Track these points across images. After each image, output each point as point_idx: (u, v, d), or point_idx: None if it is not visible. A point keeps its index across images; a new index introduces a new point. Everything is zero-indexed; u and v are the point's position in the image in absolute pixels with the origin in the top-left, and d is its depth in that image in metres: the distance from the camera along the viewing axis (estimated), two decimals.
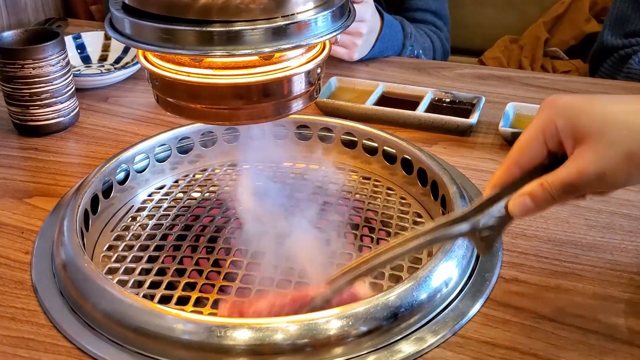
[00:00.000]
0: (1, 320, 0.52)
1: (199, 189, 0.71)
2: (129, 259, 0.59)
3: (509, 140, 0.77)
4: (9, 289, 0.55)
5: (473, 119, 0.80)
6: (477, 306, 0.53)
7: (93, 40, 1.06)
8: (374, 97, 0.87)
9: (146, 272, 0.57)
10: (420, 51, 1.14)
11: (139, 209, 0.67)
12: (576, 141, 0.43)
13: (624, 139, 0.42)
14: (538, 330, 0.50)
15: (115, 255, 0.60)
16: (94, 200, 0.64)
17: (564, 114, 0.44)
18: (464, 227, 0.47)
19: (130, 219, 0.66)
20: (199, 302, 0.53)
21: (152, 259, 0.59)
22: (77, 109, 0.85)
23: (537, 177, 0.45)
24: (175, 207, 0.67)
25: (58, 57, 0.79)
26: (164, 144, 0.72)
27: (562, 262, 0.58)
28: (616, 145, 0.42)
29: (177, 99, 0.52)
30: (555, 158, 0.46)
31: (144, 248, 0.61)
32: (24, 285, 0.55)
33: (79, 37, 1.06)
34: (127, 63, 1.02)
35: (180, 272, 0.57)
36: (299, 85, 0.52)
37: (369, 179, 0.73)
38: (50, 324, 0.51)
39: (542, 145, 0.45)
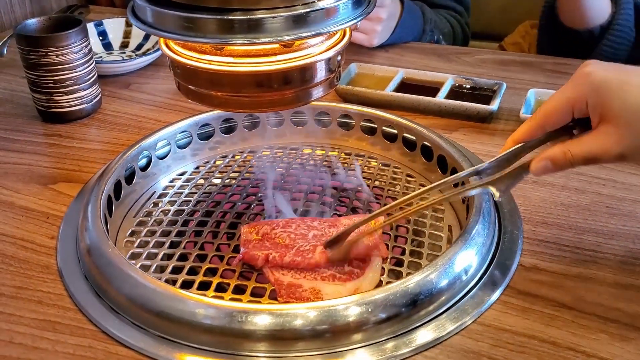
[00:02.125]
0: (29, 304, 0.53)
1: (219, 175, 0.71)
2: (151, 244, 0.60)
3: None
4: (35, 273, 0.56)
5: (494, 105, 0.80)
6: (497, 294, 0.53)
7: (114, 27, 1.07)
8: (394, 83, 0.87)
9: (168, 257, 0.58)
10: (440, 36, 1.13)
11: (161, 195, 0.68)
12: (603, 118, 0.47)
13: None
14: (558, 319, 0.50)
15: (138, 240, 0.61)
16: (117, 186, 0.65)
17: (597, 92, 0.47)
18: (484, 179, 0.52)
19: (152, 204, 0.67)
20: (220, 288, 0.54)
21: (174, 245, 0.60)
22: (100, 95, 0.85)
23: (555, 137, 0.50)
24: (196, 193, 0.68)
25: (81, 44, 0.80)
26: (185, 131, 0.73)
27: (583, 250, 0.58)
28: None
29: (198, 86, 0.53)
30: (576, 121, 0.50)
31: (166, 234, 0.62)
32: (50, 270, 0.57)
33: (101, 24, 1.07)
34: (148, 50, 1.03)
35: (201, 258, 0.58)
36: (320, 73, 0.52)
37: (388, 165, 0.73)
38: (75, 308, 0.52)
39: (569, 115, 0.50)
